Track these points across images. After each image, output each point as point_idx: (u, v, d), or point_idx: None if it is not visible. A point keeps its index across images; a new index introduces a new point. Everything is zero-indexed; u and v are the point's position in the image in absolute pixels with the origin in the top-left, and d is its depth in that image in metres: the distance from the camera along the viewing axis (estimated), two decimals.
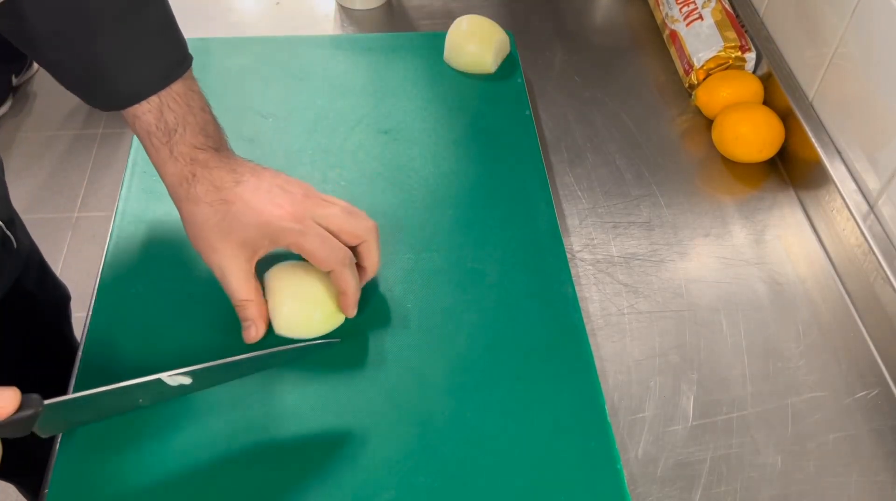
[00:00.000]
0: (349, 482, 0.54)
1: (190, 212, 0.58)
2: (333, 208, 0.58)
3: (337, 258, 0.57)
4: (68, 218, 1.84)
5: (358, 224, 0.59)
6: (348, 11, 0.97)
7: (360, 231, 0.59)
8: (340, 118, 0.79)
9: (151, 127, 0.57)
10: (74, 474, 0.53)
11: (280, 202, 0.57)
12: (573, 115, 0.85)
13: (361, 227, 0.59)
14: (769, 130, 0.78)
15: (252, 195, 0.57)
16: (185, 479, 0.53)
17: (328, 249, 0.57)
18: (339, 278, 0.58)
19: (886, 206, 0.68)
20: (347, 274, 0.58)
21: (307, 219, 0.57)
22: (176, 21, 0.59)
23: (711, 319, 0.67)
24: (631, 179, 0.79)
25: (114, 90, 0.57)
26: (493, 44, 0.83)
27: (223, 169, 0.58)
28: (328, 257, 0.57)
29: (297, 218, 0.57)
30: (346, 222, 0.58)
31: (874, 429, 0.61)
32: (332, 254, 0.57)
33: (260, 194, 0.57)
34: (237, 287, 0.58)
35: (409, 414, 0.57)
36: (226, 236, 0.57)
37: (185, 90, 0.58)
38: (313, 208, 0.58)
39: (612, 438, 0.56)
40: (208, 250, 0.58)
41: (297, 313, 0.60)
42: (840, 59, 0.74)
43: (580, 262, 0.71)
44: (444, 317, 0.63)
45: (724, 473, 0.58)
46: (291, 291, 0.60)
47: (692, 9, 0.89)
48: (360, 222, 0.59)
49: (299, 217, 0.57)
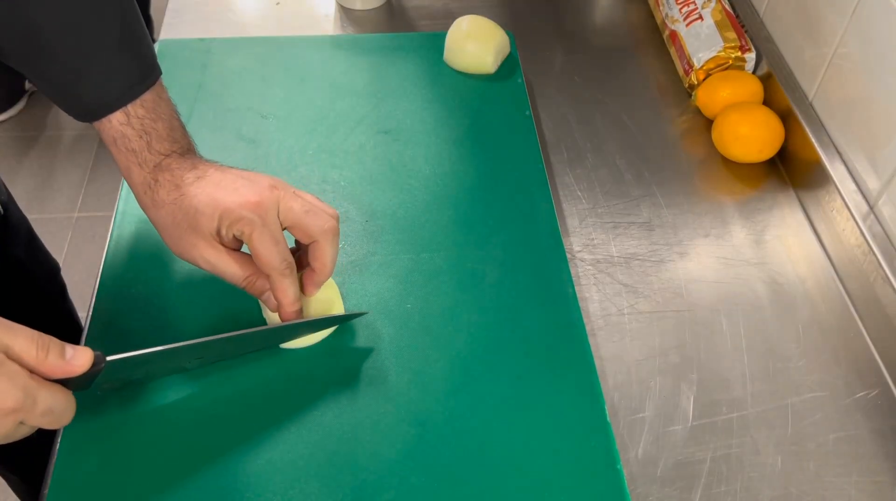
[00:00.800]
0: (349, 482, 0.54)
1: (159, 218, 0.58)
2: (296, 203, 0.56)
3: (280, 265, 0.55)
4: (68, 218, 1.84)
5: (313, 222, 0.57)
6: (348, 11, 0.97)
7: (314, 230, 0.57)
8: (340, 118, 0.79)
9: (118, 134, 0.58)
10: (74, 474, 0.53)
11: (242, 192, 0.56)
12: (573, 115, 0.85)
13: (315, 226, 0.57)
14: (769, 130, 0.78)
15: (213, 188, 0.56)
16: (185, 479, 0.53)
17: (277, 253, 0.55)
18: (276, 285, 0.56)
19: (886, 206, 0.68)
20: (286, 283, 0.56)
21: (269, 213, 0.55)
22: (145, 35, 0.59)
23: (711, 319, 0.67)
24: (631, 180, 0.79)
25: (79, 104, 0.57)
26: (493, 44, 0.83)
27: (184, 168, 0.58)
28: (270, 261, 0.55)
29: (257, 208, 0.55)
30: (303, 218, 0.56)
31: (874, 429, 0.61)
32: (274, 259, 0.55)
33: (222, 185, 0.56)
34: (233, 271, 0.57)
35: (409, 414, 0.57)
36: (195, 231, 0.56)
37: (153, 98, 0.59)
38: (277, 199, 0.56)
39: (612, 438, 0.56)
40: (188, 249, 0.57)
41: None
42: (840, 59, 0.74)
43: (580, 262, 0.71)
44: (444, 317, 0.63)
45: (724, 473, 0.58)
46: None
47: (692, 9, 0.89)
48: (316, 220, 0.57)
49: (261, 208, 0.55)
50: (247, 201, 0.55)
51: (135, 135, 0.57)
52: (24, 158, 1.95)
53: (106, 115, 0.57)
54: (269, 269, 0.56)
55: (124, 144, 0.58)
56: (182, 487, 0.53)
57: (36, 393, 0.45)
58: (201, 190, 0.56)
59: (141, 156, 0.58)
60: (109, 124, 0.57)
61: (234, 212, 0.55)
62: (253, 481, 0.53)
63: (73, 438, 0.55)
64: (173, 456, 0.54)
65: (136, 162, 0.58)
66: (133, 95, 0.57)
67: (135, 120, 0.57)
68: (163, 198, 0.57)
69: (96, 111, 0.57)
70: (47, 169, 1.94)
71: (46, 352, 0.46)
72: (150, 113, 0.58)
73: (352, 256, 0.67)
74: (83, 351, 0.47)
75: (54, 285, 0.93)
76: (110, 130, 0.58)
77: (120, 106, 0.57)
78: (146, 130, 0.58)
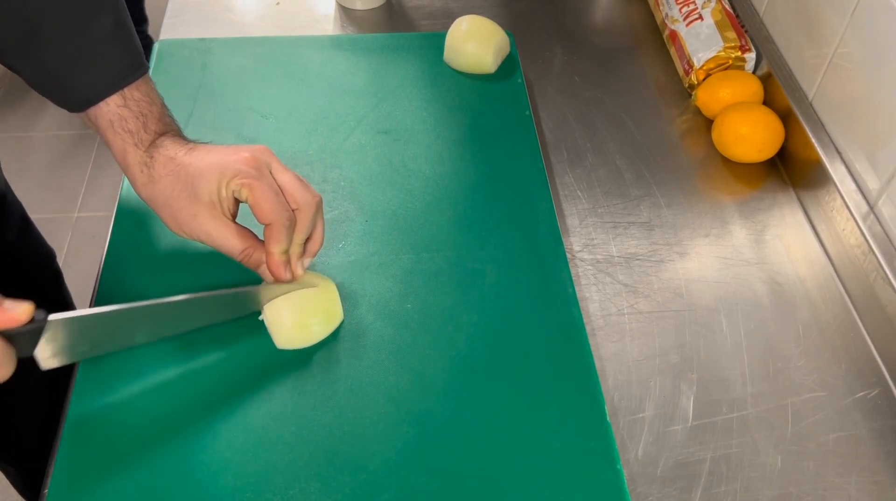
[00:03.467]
0: (349, 482, 0.54)
1: (156, 194, 0.59)
2: (287, 173, 0.59)
3: (280, 213, 0.56)
4: (68, 218, 1.84)
5: (304, 191, 0.58)
6: (348, 11, 0.97)
7: (302, 199, 0.58)
8: (340, 118, 0.79)
9: (115, 117, 0.59)
10: (74, 473, 0.53)
11: (237, 151, 0.58)
12: (573, 115, 0.85)
13: (306, 196, 0.58)
14: (769, 130, 0.78)
15: (207, 153, 0.58)
16: (185, 479, 0.53)
17: (276, 203, 0.56)
18: (275, 232, 0.57)
19: (886, 206, 0.68)
20: (283, 233, 0.57)
21: (262, 167, 0.57)
22: (132, 29, 0.61)
23: (711, 319, 0.67)
24: (631, 180, 0.79)
25: (69, 96, 0.59)
26: (493, 44, 0.83)
27: (177, 144, 0.60)
28: (273, 210, 0.56)
29: (254, 164, 0.57)
30: (296, 185, 0.58)
31: (874, 429, 0.61)
32: (277, 208, 0.56)
33: (215, 151, 0.59)
34: (231, 243, 0.58)
35: (409, 414, 0.57)
36: (194, 200, 0.57)
37: (147, 86, 0.61)
38: (269, 160, 0.58)
39: (612, 438, 0.56)
40: (188, 220, 0.58)
41: (297, 324, 0.59)
42: (840, 59, 0.74)
43: (580, 262, 0.71)
44: (444, 317, 0.63)
45: (724, 473, 0.58)
46: (287, 303, 0.59)
47: (692, 9, 0.89)
48: (307, 190, 0.59)
49: (256, 162, 0.57)
50: (241, 157, 0.57)
51: (132, 116, 0.59)
52: (24, 157, 1.95)
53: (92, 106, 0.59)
54: (271, 218, 0.56)
55: (121, 126, 0.59)
56: (182, 487, 0.53)
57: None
58: (196, 157, 0.58)
59: (137, 136, 0.59)
60: (107, 108, 0.59)
61: (232, 166, 0.56)
62: (253, 481, 0.53)
63: (74, 437, 0.55)
64: (173, 456, 0.54)
65: (133, 142, 0.59)
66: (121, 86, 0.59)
67: (132, 102, 0.59)
68: (159, 172, 0.58)
69: (90, 99, 0.59)
70: (47, 169, 1.94)
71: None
72: (145, 97, 0.60)
73: (352, 256, 0.67)
74: (23, 303, 0.48)
75: (48, 272, 0.94)
76: (107, 114, 0.59)
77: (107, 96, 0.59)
78: (142, 111, 0.60)
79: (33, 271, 0.90)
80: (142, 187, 0.60)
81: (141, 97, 0.60)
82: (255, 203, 0.56)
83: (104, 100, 0.59)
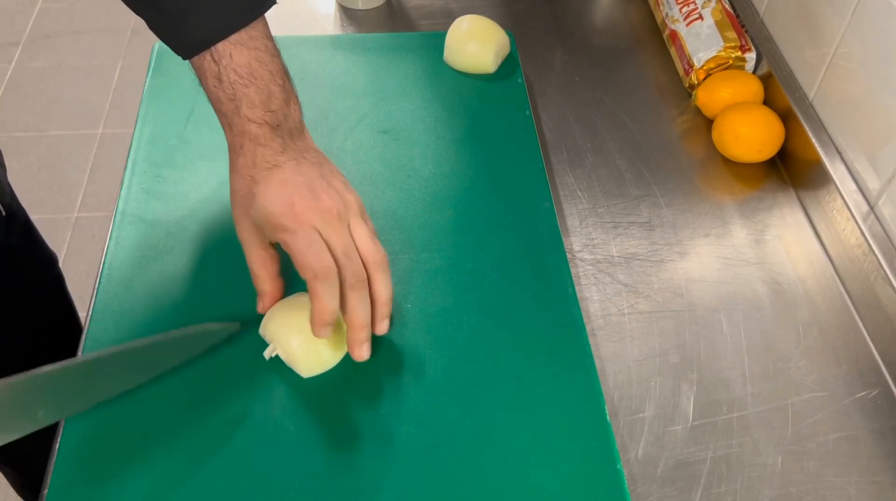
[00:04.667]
0: (349, 482, 0.54)
1: (232, 180, 0.59)
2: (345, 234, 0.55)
3: (318, 267, 0.53)
4: (68, 218, 1.84)
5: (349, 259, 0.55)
6: (348, 11, 0.97)
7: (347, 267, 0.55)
8: (340, 118, 0.79)
9: (213, 95, 0.57)
10: (74, 473, 0.53)
11: (295, 200, 0.54)
12: (573, 115, 0.85)
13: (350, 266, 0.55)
14: (769, 130, 0.78)
15: (278, 184, 0.55)
16: (185, 479, 0.53)
17: (313, 255, 0.53)
18: (312, 290, 0.54)
19: (886, 206, 0.68)
20: (320, 288, 0.53)
21: (307, 223, 0.54)
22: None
23: (711, 319, 0.67)
24: (631, 180, 0.79)
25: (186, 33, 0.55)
26: (493, 44, 0.83)
27: (269, 148, 0.56)
28: (309, 263, 0.53)
29: (298, 218, 0.54)
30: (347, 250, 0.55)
31: (874, 429, 0.61)
32: (314, 261, 0.53)
33: (286, 185, 0.55)
34: (250, 261, 0.58)
35: (409, 414, 0.57)
36: (246, 213, 0.57)
37: (248, 62, 0.56)
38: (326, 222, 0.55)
39: (612, 438, 0.56)
40: (236, 220, 0.58)
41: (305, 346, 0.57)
42: (840, 59, 0.74)
43: (580, 262, 0.71)
44: (444, 317, 0.63)
45: (724, 473, 0.58)
46: (298, 324, 0.57)
47: (692, 9, 0.89)
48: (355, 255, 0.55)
49: (302, 219, 0.54)
50: (289, 211, 0.54)
51: (225, 98, 0.57)
52: (24, 158, 1.95)
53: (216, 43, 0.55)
54: (304, 271, 0.54)
55: (217, 107, 0.58)
56: (182, 487, 0.53)
57: None
58: (265, 181, 0.56)
59: (230, 118, 0.57)
60: (207, 86, 0.57)
61: (277, 219, 0.55)
62: (253, 481, 0.53)
63: (73, 438, 0.55)
64: (173, 456, 0.54)
65: (227, 123, 0.58)
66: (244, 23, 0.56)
67: (226, 84, 0.56)
68: (240, 167, 0.57)
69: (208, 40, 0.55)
70: (47, 169, 1.94)
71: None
72: (242, 79, 0.56)
73: None
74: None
75: (50, 276, 0.94)
76: (208, 92, 0.58)
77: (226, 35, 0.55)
78: (236, 95, 0.56)
79: (36, 275, 0.90)
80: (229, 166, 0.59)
81: (237, 79, 0.56)
82: (293, 259, 0.54)
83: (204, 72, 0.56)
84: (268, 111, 0.57)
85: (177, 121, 0.77)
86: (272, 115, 0.57)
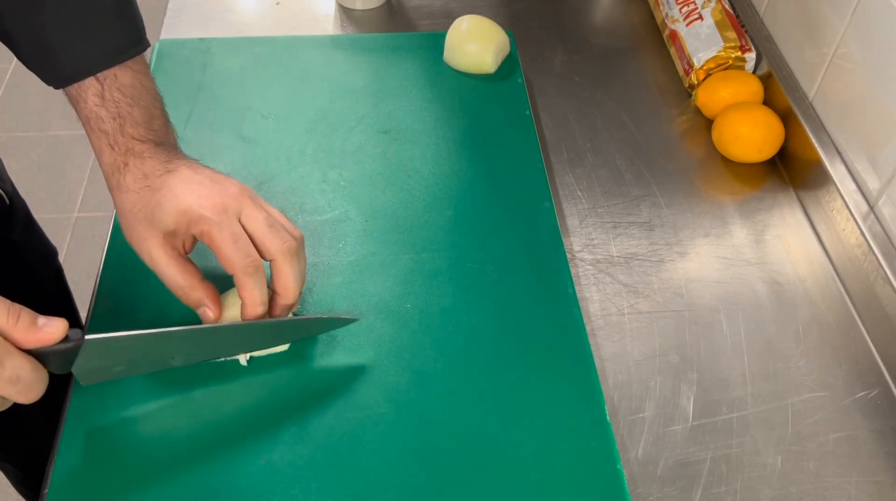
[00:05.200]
0: (349, 482, 0.54)
1: (120, 201, 0.57)
2: (260, 214, 0.55)
3: (243, 263, 0.54)
4: (68, 218, 1.84)
5: (272, 239, 0.55)
6: (348, 11, 0.97)
7: (272, 247, 0.55)
8: (340, 118, 0.79)
9: (92, 114, 0.57)
10: (74, 473, 0.53)
11: (206, 193, 0.55)
12: (573, 115, 0.85)
13: (274, 244, 0.55)
14: (769, 130, 0.78)
15: (179, 184, 0.55)
16: (184, 479, 0.53)
17: (237, 250, 0.54)
18: (241, 285, 0.55)
19: (886, 206, 0.68)
20: (250, 283, 0.54)
21: (229, 213, 0.54)
22: (133, 6, 0.59)
23: (711, 319, 0.67)
24: (631, 180, 0.79)
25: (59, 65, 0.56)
26: (493, 44, 0.83)
27: (156, 159, 0.57)
28: (233, 259, 0.54)
29: (217, 209, 0.54)
30: (264, 232, 0.55)
31: (874, 429, 0.61)
32: (238, 256, 0.54)
33: (188, 183, 0.55)
34: (171, 276, 0.56)
35: (409, 414, 0.57)
36: (151, 225, 0.55)
37: (134, 85, 0.58)
38: (240, 205, 0.55)
39: (612, 438, 0.56)
40: (138, 240, 0.56)
41: None
42: (840, 59, 0.74)
43: (580, 262, 0.71)
44: (444, 317, 0.63)
45: (724, 473, 0.58)
46: None
47: (692, 9, 0.89)
48: (275, 237, 0.55)
49: (220, 209, 0.54)
50: (207, 202, 0.54)
51: (108, 117, 0.57)
52: (24, 158, 1.95)
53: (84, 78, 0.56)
54: (232, 267, 0.54)
55: (97, 125, 0.57)
56: (182, 486, 0.53)
57: (4, 357, 0.44)
58: (166, 186, 0.55)
59: (113, 138, 0.57)
60: (85, 105, 0.57)
61: (194, 211, 0.54)
62: (253, 481, 0.53)
63: (73, 437, 0.55)
64: (173, 456, 0.54)
65: (108, 143, 0.57)
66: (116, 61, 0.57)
67: (110, 103, 0.57)
68: (129, 184, 0.57)
69: (75, 73, 0.56)
70: (47, 169, 1.94)
71: (17, 318, 0.45)
72: (127, 97, 0.57)
73: (352, 256, 0.67)
74: (57, 321, 0.47)
75: (50, 269, 0.94)
76: (85, 110, 0.58)
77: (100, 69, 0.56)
78: (121, 113, 0.57)
79: (36, 268, 0.90)
80: (111, 190, 0.58)
81: (122, 98, 0.57)
82: (215, 252, 0.55)
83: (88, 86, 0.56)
84: (150, 130, 0.58)
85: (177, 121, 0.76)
86: (154, 133, 0.58)
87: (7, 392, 0.45)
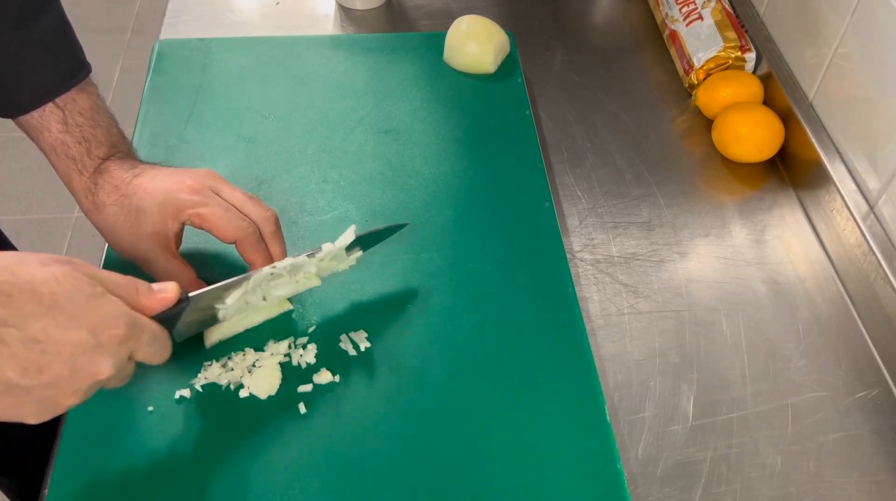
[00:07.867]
0: (349, 482, 0.54)
1: (101, 221, 0.58)
2: (234, 190, 0.58)
3: (241, 227, 0.56)
4: (68, 218, 1.84)
5: (254, 208, 0.58)
6: (348, 11, 0.97)
7: (255, 215, 0.58)
8: (340, 118, 0.79)
9: (57, 142, 0.58)
10: (74, 474, 0.53)
11: (178, 180, 0.57)
12: (573, 115, 0.85)
13: (256, 212, 0.58)
14: (769, 130, 0.78)
15: (150, 182, 0.57)
16: (184, 479, 0.53)
17: (231, 219, 0.56)
18: (247, 249, 0.57)
19: (886, 206, 0.68)
20: (254, 245, 0.57)
21: (208, 192, 0.57)
22: (72, 30, 0.60)
23: (711, 319, 0.67)
24: (631, 180, 0.79)
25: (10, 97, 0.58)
26: (493, 44, 0.83)
27: (122, 169, 0.59)
28: (230, 227, 0.56)
29: (195, 190, 0.56)
30: (244, 202, 0.58)
31: (874, 429, 0.61)
32: (234, 224, 0.56)
33: (159, 178, 0.57)
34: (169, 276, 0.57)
35: (409, 414, 0.57)
36: (137, 231, 0.57)
37: (91, 106, 0.60)
38: (215, 184, 0.58)
39: (612, 438, 0.56)
40: (131, 250, 0.58)
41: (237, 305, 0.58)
42: (840, 59, 0.74)
43: (580, 262, 0.71)
44: (444, 317, 0.63)
45: (724, 473, 0.58)
46: None
47: (692, 9, 0.89)
48: (256, 207, 0.58)
49: (198, 189, 0.56)
50: (184, 186, 0.56)
51: (74, 142, 0.58)
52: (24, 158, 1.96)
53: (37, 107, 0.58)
54: (232, 235, 0.56)
55: (64, 152, 0.59)
56: (182, 486, 0.53)
57: (141, 321, 0.46)
58: (139, 188, 0.57)
59: (81, 162, 0.59)
60: (49, 133, 0.58)
61: (176, 199, 0.56)
62: (253, 481, 0.53)
63: (73, 438, 0.55)
64: (173, 456, 0.54)
65: (76, 169, 0.59)
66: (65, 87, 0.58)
67: (73, 128, 0.58)
68: (103, 200, 0.58)
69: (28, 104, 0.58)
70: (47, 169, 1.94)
71: (136, 288, 0.47)
72: (88, 120, 0.59)
73: None
74: (169, 284, 0.49)
75: None
76: (49, 139, 0.59)
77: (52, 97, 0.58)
78: (85, 137, 0.59)
79: None
80: (88, 213, 0.59)
81: (84, 121, 0.59)
82: (211, 227, 0.56)
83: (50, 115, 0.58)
84: (113, 147, 0.60)
85: (177, 121, 0.77)
86: (118, 149, 0.60)
87: (147, 355, 0.47)
